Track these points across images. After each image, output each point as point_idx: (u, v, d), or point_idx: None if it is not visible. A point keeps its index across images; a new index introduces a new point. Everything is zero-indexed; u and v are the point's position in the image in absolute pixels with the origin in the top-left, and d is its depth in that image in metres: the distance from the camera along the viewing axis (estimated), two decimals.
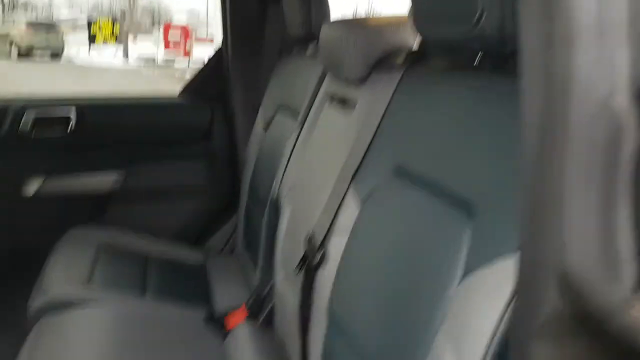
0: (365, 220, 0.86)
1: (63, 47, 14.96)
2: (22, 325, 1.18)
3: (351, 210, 0.90)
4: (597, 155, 0.33)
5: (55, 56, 14.63)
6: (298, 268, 1.00)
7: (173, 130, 1.82)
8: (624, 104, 0.33)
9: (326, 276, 0.92)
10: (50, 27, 14.71)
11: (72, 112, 1.66)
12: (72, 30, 18.88)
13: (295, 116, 1.37)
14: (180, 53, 14.42)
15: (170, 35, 14.43)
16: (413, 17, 0.81)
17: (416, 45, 0.97)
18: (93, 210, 1.73)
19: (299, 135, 1.31)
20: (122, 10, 18.53)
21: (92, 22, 15.44)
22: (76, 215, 1.68)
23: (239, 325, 1.20)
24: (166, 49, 14.53)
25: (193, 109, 1.83)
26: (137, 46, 16.44)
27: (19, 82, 8.77)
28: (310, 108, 1.29)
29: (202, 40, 15.68)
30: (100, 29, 15.07)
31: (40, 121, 1.63)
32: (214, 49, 1.90)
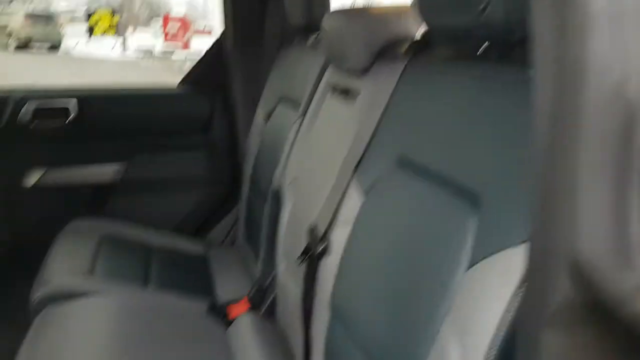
0: (368, 212, 0.86)
1: (61, 38, 14.91)
2: (24, 316, 1.18)
3: (354, 202, 0.90)
4: (610, 143, 0.33)
5: (53, 48, 14.57)
6: (300, 259, 1.00)
7: (173, 121, 1.81)
8: (638, 91, 0.33)
9: (329, 267, 0.92)
10: (48, 18, 14.64)
11: (72, 103, 1.65)
12: (70, 22, 18.80)
13: (296, 107, 1.36)
14: (178, 45, 14.36)
15: (169, 27, 14.37)
16: (417, 5, 0.81)
17: (420, 34, 0.97)
18: (94, 202, 1.73)
19: (300, 126, 1.30)
20: (121, 2, 18.44)
21: (90, 13, 15.35)
22: (77, 207, 1.68)
23: (242, 316, 1.20)
24: (165, 41, 14.47)
25: (193, 100, 1.82)
26: (136, 38, 16.35)
27: (17, 75, 8.73)
28: (311, 99, 1.28)
29: (200, 33, 15.60)
30: (99, 20, 14.99)
31: (40, 112, 1.62)
32: (213, 40, 1.89)
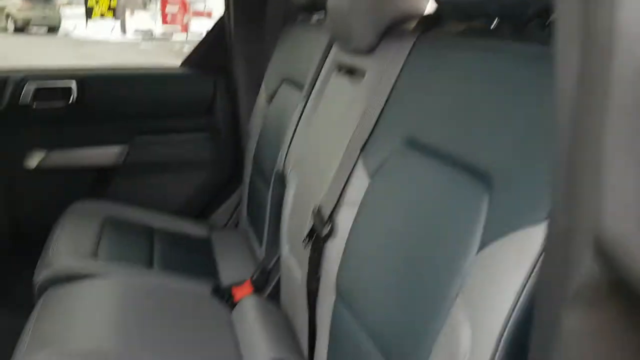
0: (375, 193, 0.85)
1: (60, 21, 14.78)
2: (27, 298, 1.18)
3: (360, 183, 0.89)
4: (638, 116, 0.32)
5: (52, 30, 14.46)
6: (306, 241, 0.99)
7: (175, 103, 1.79)
8: None
9: (334, 249, 0.91)
10: (46, 0, 14.49)
11: (72, 84, 1.63)
12: (68, 4, 18.60)
13: (300, 87, 1.34)
14: (177, 27, 14.24)
15: (167, 9, 14.23)
16: None
17: (429, 10, 0.94)
18: (95, 185, 1.72)
19: (304, 106, 1.28)
20: None
21: None
22: (79, 190, 1.67)
23: (246, 298, 1.20)
24: (164, 24, 14.34)
25: (195, 81, 1.80)
26: (135, 20, 16.19)
27: (16, 57, 8.67)
28: (316, 78, 1.26)
29: (199, 14, 15.44)
30: (97, 2, 14.83)
31: (40, 93, 1.61)
32: (212, 22, 1.86)
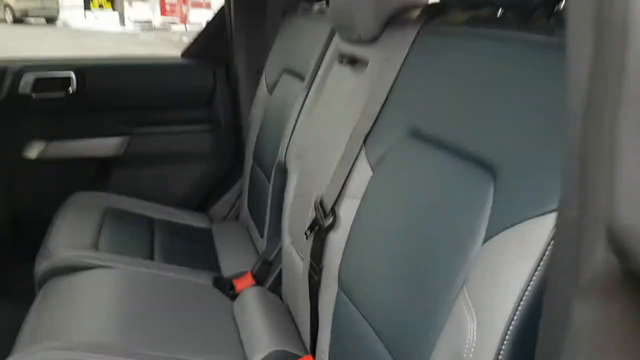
0: (379, 184, 0.84)
1: (58, 11, 14.71)
2: (27, 289, 1.17)
3: (363, 174, 0.88)
4: None
5: (50, 21, 14.39)
6: (308, 232, 0.98)
7: (175, 94, 1.78)
8: None
9: (336, 240, 0.90)
10: None
11: (72, 74, 1.62)
12: None
13: (301, 78, 1.33)
14: (176, 18, 14.17)
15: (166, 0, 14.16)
16: None
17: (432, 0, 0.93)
18: (95, 176, 1.71)
19: (306, 97, 1.27)
20: None
21: None
22: (78, 181, 1.66)
23: (248, 289, 1.20)
24: (162, 15, 14.27)
25: (195, 72, 1.79)
26: (133, 11, 16.11)
27: (15, 48, 8.63)
28: (318, 69, 1.25)
29: (198, 5, 15.35)
30: None
31: (40, 83, 1.59)
32: (211, 13, 1.84)
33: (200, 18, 12.59)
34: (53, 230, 1.33)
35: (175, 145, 1.76)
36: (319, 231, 0.94)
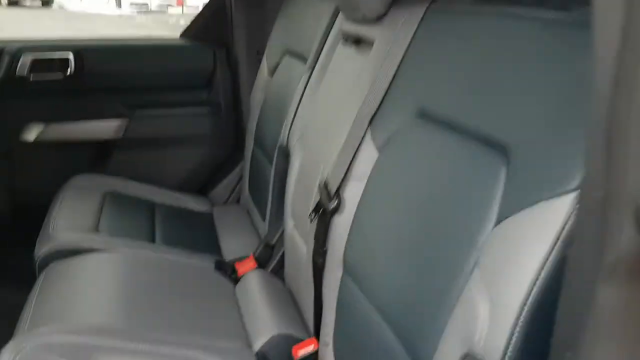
0: (385, 166, 0.83)
1: None
2: (29, 273, 1.16)
3: (369, 156, 0.87)
4: None
5: (46, 3, 14.23)
6: (312, 215, 0.97)
7: (174, 75, 1.75)
8: None
9: (341, 223, 0.89)
10: None
11: (70, 55, 1.59)
12: None
13: (304, 59, 1.31)
14: (173, 0, 14.01)
15: None
16: None
17: None
18: (95, 159, 1.70)
19: (309, 79, 1.25)
20: None
21: None
22: (78, 164, 1.65)
23: (250, 272, 1.19)
24: None
25: (195, 53, 1.76)
26: None
27: (10, 29, 8.54)
28: (321, 49, 1.23)
29: None
30: None
31: (38, 64, 1.57)
32: None
33: (197, 1, 12.44)
34: (53, 213, 1.31)
35: (175, 127, 1.74)
36: (324, 214, 0.93)
